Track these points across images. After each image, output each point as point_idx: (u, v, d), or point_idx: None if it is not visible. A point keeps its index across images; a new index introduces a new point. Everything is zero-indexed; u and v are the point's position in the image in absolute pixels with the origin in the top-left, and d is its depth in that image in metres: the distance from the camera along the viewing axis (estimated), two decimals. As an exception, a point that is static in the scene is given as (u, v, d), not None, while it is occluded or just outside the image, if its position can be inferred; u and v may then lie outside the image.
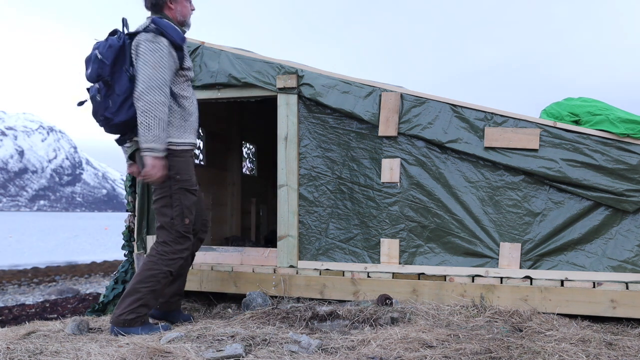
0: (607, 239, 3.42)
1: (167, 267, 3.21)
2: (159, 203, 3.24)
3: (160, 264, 3.20)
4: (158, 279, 3.19)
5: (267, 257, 4.13)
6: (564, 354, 2.48)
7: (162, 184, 3.20)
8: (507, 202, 3.59)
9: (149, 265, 3.21)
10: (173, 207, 3.21)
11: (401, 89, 3.87)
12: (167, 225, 3.22)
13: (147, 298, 3.17)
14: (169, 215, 3.21)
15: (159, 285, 3.21)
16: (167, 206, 3.22)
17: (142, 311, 3.16)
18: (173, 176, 3.20)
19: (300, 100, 4.03)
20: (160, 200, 3.24)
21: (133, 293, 3.16)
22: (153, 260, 3.21)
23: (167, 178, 3.17)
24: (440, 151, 3.74)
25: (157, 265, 3.20)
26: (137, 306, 3.13)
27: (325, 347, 2.60)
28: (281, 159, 4.06)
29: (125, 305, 3.14)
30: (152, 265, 3.20)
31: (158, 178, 3.15)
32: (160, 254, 3.21)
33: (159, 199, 3.25)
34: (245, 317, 3.30)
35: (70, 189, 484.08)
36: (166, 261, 3.21)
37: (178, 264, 3.28)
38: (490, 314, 3.17)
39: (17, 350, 2.52)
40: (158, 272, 3.19)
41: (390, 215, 3.80)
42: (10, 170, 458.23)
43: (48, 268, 15.09)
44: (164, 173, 3.16)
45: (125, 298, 3.17)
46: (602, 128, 3.45)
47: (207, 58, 4.28)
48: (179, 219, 3.22)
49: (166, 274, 3.22)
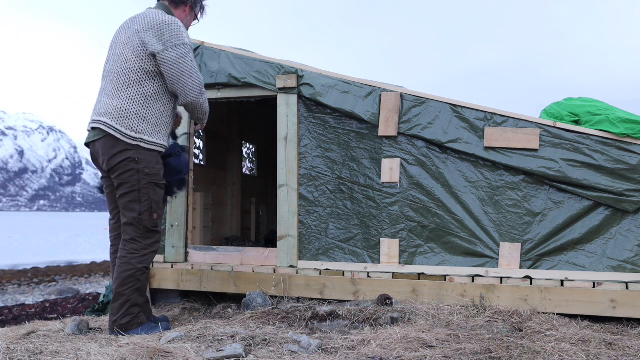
0: (607, 239, 3.42)
1: (141, 264, 3.17)
2: (126, 198, 3.14)
3: (134, 263, 3.15)
4: (136, 277, 3.15)
5: (267, 257, 4.13)
6: (564, 354, 2.48)
7: (129, 178, 3.11)
8: (507, 202, 3.59)
9: (124, 267, 3.15)
10: (141, 202, 3.14)
11: (401, 89, 3.87)
12: (135, 221, 3.14)
13: (133, 298, 3.14)
14: (136, 211, 3.14)
15: (139, 282, 3.17)
16: (135, 201, 3.14)
17: (134, 311, 3.14)
18: (142, 170, 3.12)
19: (300, 100, 4.04)
20: (127, 195, 3.14)
21: (119, 297, 3.13)
22: (125, 260, 3.15)
23: (135, 172, 3.11)
24: (440, 151, 3.74)
25: (131, 265, 3.14)
26: (127, 309, 3.12)
27: (325, 347, 2.60)
28: (281, 159, 4.06)
29: (116, 310, 3.13)
30: (126, 267, 3.14)
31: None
32: (131, 252, 3.15)
33: (125, 193, 3.15)
34: (245, 317, 3.30)
35: (70, 189, 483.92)
36: (138, 258, 3.16)
37: (151, 258, 3.23)
38: (490, 314, 3.17)
39: (17, 350, 2.52)
40: (135, 271, 3.15)
41: (390, 215, 3.81)
42: (10, 170, 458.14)
43: (48, 268, 15.09)
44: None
45: (114, 304, 3.15)
46: (602, 128, 3.45)
47: (207, 58, 4.29)
48: (147, 214, 3.16)
49: (142, 270, 3.18)
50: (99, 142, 3.17)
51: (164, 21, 3.15)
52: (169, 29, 3.13)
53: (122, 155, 3.10)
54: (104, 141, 3.13)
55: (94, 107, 3.27)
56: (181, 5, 3.37)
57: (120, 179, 3.14)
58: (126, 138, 3.09)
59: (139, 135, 3.11)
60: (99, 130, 3.16)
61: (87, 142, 3.30)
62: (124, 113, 3.10)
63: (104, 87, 3.25)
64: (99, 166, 3.31)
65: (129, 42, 3.16)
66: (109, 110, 3.12)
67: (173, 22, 3.17)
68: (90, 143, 3.26)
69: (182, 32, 3.18)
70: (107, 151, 3.13)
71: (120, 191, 3.16)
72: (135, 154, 3.09)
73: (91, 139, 3.24)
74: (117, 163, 3.11)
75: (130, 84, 3.13)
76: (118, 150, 3.10)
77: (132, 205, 3.14)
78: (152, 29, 3.13)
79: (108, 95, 3.17)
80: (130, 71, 3.14)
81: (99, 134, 3.16)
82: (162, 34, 3.12)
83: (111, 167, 3.14)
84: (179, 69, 3.12)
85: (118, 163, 3.11)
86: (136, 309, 3.16)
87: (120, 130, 3.09)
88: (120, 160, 3.10)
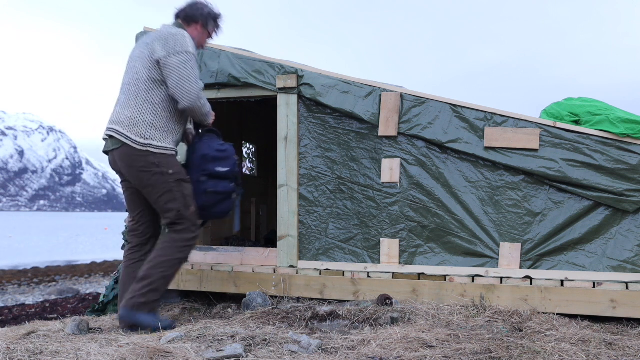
0: (607, 239, 3.42)
1: (180, 254, 3.32)
2: (162, 200, 3.30)
3: (174, 251, 3.29)
4: (171, 264, 3.29)
5: (267, 257, 4.13)
6: (564, 354, 2.48)
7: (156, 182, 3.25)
8: (507, 202, 3.59)
9: (161, 252, 3.29)
10: (177, 200, 3.29)
11: (401, 89, 3.87)
12: (177, 218, 3.31)
13: (158, 283, 3.25)
14: (175, 209, 3.29)
15: (171, 271, 3.30)
16: (171, 200, 3.29)
17: (152, 297, 3.23)
18: (165, 171, 3.26)
19: (300, 100, 4.04)
20: (161, 198, 3.29)
21: (145, 278, 3.25)
22: (166, 246, 3.30)
23: (160, 174, 3.24)
24: (440, 151, 3.74)
25: (170, 252, 3.29)
26: (147, 291, 3.22)
27: (325, 347, 2.60)
28: (281, 159, 4.06)
29: (137, 289, 3.23)
30: (165, 252, 3.29)
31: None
32: (176, 241, 3.31)
33: (159, 197, 3.29)
34: (245, 317, 3.30)
35: (70, 189, 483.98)
36: (180, 248, 3.31)
37: (188, 252, 3.37)
38: (490, 314, 3.17)
39: (17, 350, 2.52)
40: (171, 259, 3.29)
41: (390, 215, 3.81)
42: (10, 170, 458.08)
43: (48, 268, 15.09)
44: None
45: (137, 283, 3.25)
46: (602, 128, 3.45)
47: (207, 58, 4.29)
48: (185, 208, 3.31)
49: (180, 261, 3.33)
50: (116, 152, 3.33)
51: (170, 32, 3.32)
52: (174, 38, 3.29)
53: (141, 163, 3.24)
54: (121, 151, 3.29)
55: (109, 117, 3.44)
56: (192, 23, 3.50)
57: (148, 186, 3.29)
58: (136, 145, 3.23)
59: (148, 141, 3.25)
60: (115, 140, 3.31)
61: (106, 150, 3.46)
62: (133, 121, 3.25)
63: (118, 98, 3.42)
64: (118, 171, 3.45)
65: (141, 54, 3.34)
66: (120, 119, 3.29)
67: (179, 33, 3.32)
68: (108, 152, 3.43)
69: (187, 41, 3.31)
70: (126, 162, 3.29)
71: (153, 196, 3.31)
72: (153, 158, 3.24)
73: (109, 148, 3.40)
74: (140, 172, 3.27)
75: (140, 93, 3.29)
76: (136, 159, 3.25)
77: (169, 205, 3.29)
78: (160, 39, 3.30)
79: (121, 105, 3.34)
80: (139, 81, 3.30)
81: (115, 144, 3.31)
82: (167, 42, 3.27)
83: (136, 177, 3.30)
84: (178, 74, 3.24)
85: (141, 172, 3.26)
86: (155, 295, 3.25)
87: (130, 138, 3.24)
88: (143, 169, 3.25)
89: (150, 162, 3.24)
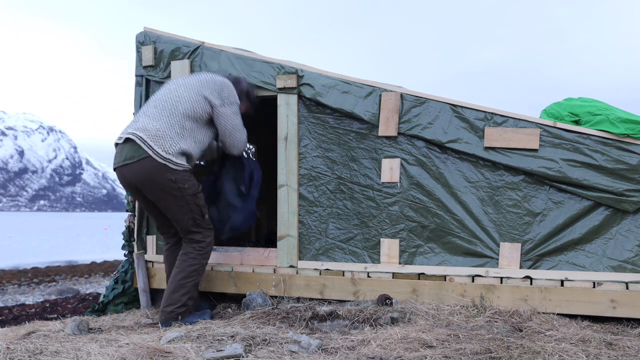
0: (607, 239, 3.42)
1: (205, 260, 3.67)
2: (180, 212, 3.55)
3: (200, 258, 3.63)
4: (199, 272, 3.64)
5: (267, 257, 4.13)
6: (564, 354, 2.48)
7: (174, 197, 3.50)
8: (507, 202, 3.59)
9: (190, 262, 3.60)
10: (193, 211, 3.57)
11: (401, 89, 3.87)
12: (194, 226, 3.60)
13: (192, 291, 3.60)
14: (191, 218, 3.58)
15: (200, 277, 3.67)
16: (188, 211, 3.56)
17: (189, 303, 3.57)
18: (182, 187, 3.50)
19: (300, 100, 4.04)
20: (179, 210, 3.55)
21: (180, 288, 3.54)
22: (192, 256, 3.61)
23: (178, 190, 3.49)
24: (440, 151, 3.74)
25: (197, 260, 3.62)
26: (186, 300, 3.54)
27: (325, 347, 2.60)
28: (281, 159, 4.06)
29: (175, 300, 3.51)
30: (193, 261, 3.60)
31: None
32: (197, 250, 3.62)
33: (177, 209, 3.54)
34: (245, 317, 3.30)
35: (70, 189, 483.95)
36: (203, 254, 3.66)
37: (210, 254, 3.73)
38: (490, 314, 3.17)
39: (17, 350, 2.52)
40: (199, 266, 3.63)
41: (390, 215, 3.81)
42: (10, 170, 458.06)
43: (48, 268, 15.08)
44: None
45: (173, 294, 3.53)
46: (602, 128, 3.45)
47: (207, 58, 4.29)
48: (200, 217, 3.61)
49: (204, 266, 3.69)
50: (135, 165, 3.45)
51: (223, 82, 3.73)
52: (228, 88, 3.71)
53: (161, 179, 3.44)
54: (142, 165, 3.44)
55: (127, 125, 3.62)
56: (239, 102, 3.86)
57: (166, 200, 3.53)
58: (157, 157, 3.41)
59: (168, 156, 3.44)
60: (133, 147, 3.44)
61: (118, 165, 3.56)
62: (160, 133, 3.46)
63: (145, 110, 3.65)
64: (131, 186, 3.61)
65: (188, 86, 3.64)
66: (147, 128, 3.48)
67: (230, 84, 3.76)
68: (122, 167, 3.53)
69: (236, 93, 3.77)
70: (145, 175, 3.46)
71: (170, 210, 3.56)
72: (170, 175, 3.44)
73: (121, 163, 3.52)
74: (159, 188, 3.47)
75: (174, 114, 3.54)
76: (156, 174, 3.43)
77: (186, 216, 3.57)
78: (214, 84, 3.68)
79: (149, 116, 3.55)
80: (178, 103, 3.57)
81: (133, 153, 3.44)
82: (222, 91, 3.67)
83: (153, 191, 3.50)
84: (232, 124, 3.69)
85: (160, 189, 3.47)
86: (191, 301, 3.60)
87: (153, 148, 3.41)
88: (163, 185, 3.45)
89: (167, 179, 3.44)
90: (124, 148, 3.51)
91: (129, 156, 3.47)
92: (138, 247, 4.47)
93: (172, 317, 3.48)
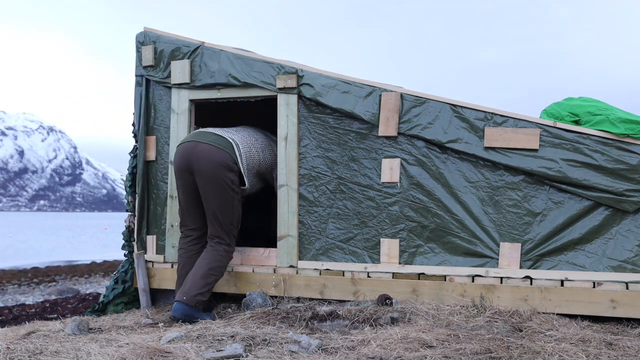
0: (607, 239, 3.42)
1: (226, 262, 3.83)
2: (222, 211, 3.75)
3: (225, 259, 3.80)
4: (221, 271, 3.79)
5: (267, 257, 4.13)
6: (564, 354, 2.48)
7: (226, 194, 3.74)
8: (507, 202, 3.59)
9: (218, 258, 3.75)
10: (234, 214, 3.79)
11: (401, 89, 3.87)
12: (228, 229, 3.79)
13: (213, 284, 3.73)
14: (229, 220, 3.78)
15: (220, 275, 3.80)
16: (230, 213, 3.78)
17: (207, 295, 3.68)
18: (235, 189, 3.77)
19: (300, 100, 4.03)
20: (222, 209, 3.75)
21: (207, 276, 3.67)
22: (222, 254, 3.77)
23: (231, 190, 3.75)
24: (440, 151, 3.74)
25: (224, 260, 3.79)
26: (207, 289, 3.67)
27: (325, 347, 2.60)
28: (281, 159, 4.06)
29: (201, 286, 3.62)
30: (221, 259, 3.76)
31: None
32: (226, 250, 3.79)
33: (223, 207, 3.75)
34: (245, 317, 3.30)
35: (70, 189, 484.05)
36: (228, 258, 3.83)
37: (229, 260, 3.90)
38: (490, 314, 3.17)
39: (17, 350, 2.52)
40: (223, 266, 3.79)
41: (390, 215, 3.80)
42: (10, 170, 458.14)
43: (48, 268, 15.09)
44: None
45: (200, 280, 3.64)
46: (602, 128, 3.45)
47: (207, 58, 4.29)
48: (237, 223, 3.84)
49: (225, 267, 3.85)
50: (213, 147, 3.73)
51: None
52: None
53: (227, 173, 3.70)
54: (218, 153, 3.72)
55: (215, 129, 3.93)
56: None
57: (217, 194, 3.71)
58: (236, 157, 3.75)
59: (241, 164, 3.79)
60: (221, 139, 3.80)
61: (193, 140, 3.79)
62: (249, 155, 3.87)
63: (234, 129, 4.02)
64: (185, 165, 3.76)
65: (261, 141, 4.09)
66: (234, 138, 3.85)
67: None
68: (198, 142, 3.76)
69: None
70: (213, 165, 3.68)
71: (216, 201, 3.73)
72: (233, 176, 3.74)
73: (200, 140, 3.78)
74: (221, 179, 3.69)
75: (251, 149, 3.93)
76: (223, 168, 3.69)
77: (227, 214, 3.75)
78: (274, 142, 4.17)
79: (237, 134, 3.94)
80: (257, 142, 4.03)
81: (215, 141, 3.76)
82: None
83: (209, 180, 3.69)
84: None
85: (222, 179, 3.70)
86: (208, 294, 3.70)
87: (240, 150, 3.79)
88: (224, 177, 3.70)
89: (230, 178, 3.72)
90: (214, 135, 3.80)
91: (213, 140, 3.76)
92: (138, 247, 4.46)
93: (192, 302, 3.56)
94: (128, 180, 4.55)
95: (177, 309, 3.56)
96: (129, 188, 4.54)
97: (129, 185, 4.53)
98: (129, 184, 4.53)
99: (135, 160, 4.52)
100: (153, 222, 4.45)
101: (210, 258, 3.74)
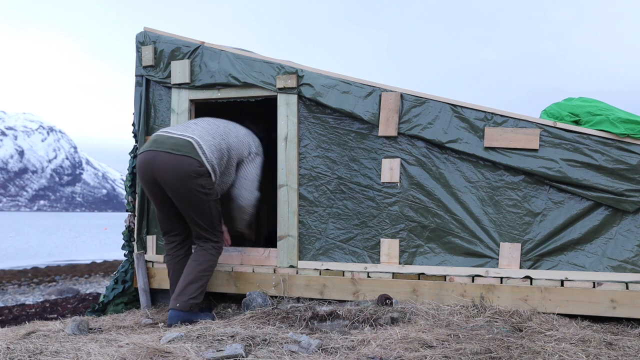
0: (607, 239, 3.42)
1: (216, 259, 3.81)
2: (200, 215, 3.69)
3: (215, 257, 3.79)
4: (211, 269, 3.78)
5: (267, 257, 4.13)
6: (564, 354, 2.48)
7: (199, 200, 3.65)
8: (507, 202, 3.59)
9: (208, 257, 3.74)
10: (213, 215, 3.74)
11: (401, 89, 3.87)
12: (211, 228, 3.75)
13: (205, 286, 3.72)
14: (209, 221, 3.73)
15: (211, 274, 3.80)
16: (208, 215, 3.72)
17: (201, 297, 3.67)
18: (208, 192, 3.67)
19: (300, 100, 4.04)
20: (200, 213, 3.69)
21: (198, 280, 3.65)
22: (212, 252, 3.76)
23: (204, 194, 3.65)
24: (440, 151, 3.74)
25: (215, 258, 3.78)
26: (200, 292, 3.66)
27: (325, 347, 2.60)
28: (281, 159, 4.06)
29: (193, 290, 3.62)
30: (211, 257, 3.75)
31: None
32: (214, 247, 3.78)
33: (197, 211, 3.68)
34: (245, 317, 3.30)
35: (70, 189, 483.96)
36: (218, 254, 3.82)
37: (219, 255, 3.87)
38: (490, 314, 3.17)
39: (17, 350, 2.52)
40: (213, 264, 3.78)
41: (390, 215, 3.80)
42: (10, 170, 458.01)
43: (48, 268, 15.10)
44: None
45: (191, 284, 3.63)
46: (602, 128, 3.45)
47: (207, 58, 4.29)
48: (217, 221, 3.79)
49: (216, 264, 3.84)
50: (175, 156, 3.58)
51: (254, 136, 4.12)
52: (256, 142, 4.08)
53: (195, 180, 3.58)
54: (180, 160, 3.57)
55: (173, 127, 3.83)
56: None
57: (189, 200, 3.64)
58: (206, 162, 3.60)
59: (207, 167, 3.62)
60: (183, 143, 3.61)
61: (156, 149, 3.63)
62: (214, 148, 3.68)
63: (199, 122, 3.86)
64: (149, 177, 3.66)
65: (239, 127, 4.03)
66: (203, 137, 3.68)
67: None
68: (160, 152, 3.61)
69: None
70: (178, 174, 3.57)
71: (191, 209, 3.67)
72: (202, 180, 3.61)
73: (161, 149, 3.61)
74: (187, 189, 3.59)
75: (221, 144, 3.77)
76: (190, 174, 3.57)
77: (206, 218, 3.71)
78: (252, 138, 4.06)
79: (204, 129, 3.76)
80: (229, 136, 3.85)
81: (177, 148, 3.59)
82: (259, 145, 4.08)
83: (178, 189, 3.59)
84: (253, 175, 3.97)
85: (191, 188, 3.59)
86: (202, 296, 3.70)
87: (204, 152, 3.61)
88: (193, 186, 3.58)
89: (199, 183, 3.59)
90: (172, 139, 3.66)
91: (176, 147, 3.60)
92: (138, 247, 4.47)
93: (187, 307, 3.56)
94: (128, 180, 4.55)
95: (173, 316, 3.55)
96: (129, 188, 4.54)
97: (129, 185, 4.54)
98: (129, 184, 4.54)
99: (135, 160, 4.52)
100: (153, 222, 4.45)
101: (200, 259, 3.71)
